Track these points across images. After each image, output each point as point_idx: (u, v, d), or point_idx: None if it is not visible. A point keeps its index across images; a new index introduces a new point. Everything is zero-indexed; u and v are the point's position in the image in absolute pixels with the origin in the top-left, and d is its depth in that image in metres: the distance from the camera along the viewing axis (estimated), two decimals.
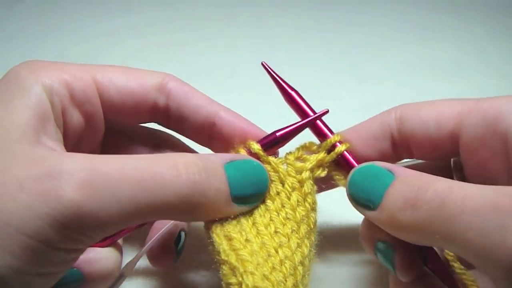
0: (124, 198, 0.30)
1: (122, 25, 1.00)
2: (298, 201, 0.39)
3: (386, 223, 0.35)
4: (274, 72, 0.44)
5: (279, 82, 0.44)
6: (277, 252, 0.35)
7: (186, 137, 0.44)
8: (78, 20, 1.02)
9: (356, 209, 0.38)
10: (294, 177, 0.40)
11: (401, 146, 0.42)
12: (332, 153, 0.41)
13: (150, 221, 0.43)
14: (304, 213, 0.39)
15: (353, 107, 0.73)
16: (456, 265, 0.37)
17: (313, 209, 0.40)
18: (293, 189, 0.39)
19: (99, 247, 0.39)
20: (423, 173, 0.35)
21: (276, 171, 0.40)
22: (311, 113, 0.43)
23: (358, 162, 0.41)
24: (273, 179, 0.40)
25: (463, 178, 0.41)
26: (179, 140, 0.47)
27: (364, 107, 0.73)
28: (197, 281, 0.46)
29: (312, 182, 0.40)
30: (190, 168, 0.33)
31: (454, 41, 0.94)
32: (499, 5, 1.08)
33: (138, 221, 0.33)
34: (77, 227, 0.30)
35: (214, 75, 0.83)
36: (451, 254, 0.38)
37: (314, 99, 0.74)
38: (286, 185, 0.40)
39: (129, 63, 0.43)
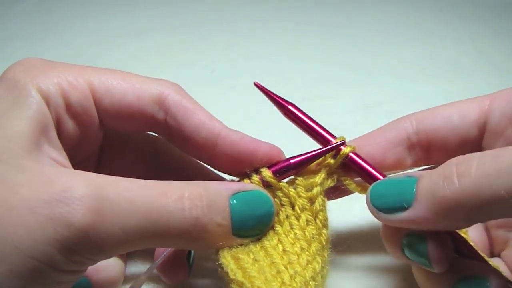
0: (130, 229, 0.31)
1: (122, 25, 1.00)
2: (307, 220, 0.39)
3: (430, 212, 0.33)
4: (268, 90, 0.43)
5: (275, 99, 0.43)
6: (286, 268, 0.35)
7: (187, 153, 0.42)
8: (77, 20, 1.03)
9: (384, 219, 0.36)
10: (304, 197, 0.39)
11: (419, 147, 0.42)
12: (338, 158, 0.41)
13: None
14: (314, 231, 0.38)
15: (353, 107, 0.73)
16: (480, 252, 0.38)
17: (325, 226, 0.40)
18: (303, 209, 0.39)
19: None
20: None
21: (287, 196, 0.40)
22: (313, 125, 0.43)
23: (368, 164, 0.41)
24: (284, 203, 0.40)
25: None
26: (178, 153, 0.46)
27: (364, 107, 0.73)
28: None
29: (323, 198, 0.40)
30: (194, 202, 0.34)
31: (453, 41, 0.94)
32: (499, 5, 1.08)
33: (140, 247, 0.34)
34: (83, 253, 0.31)
35: (214, 75, 0.83)
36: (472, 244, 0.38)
37: (314, 98, 0.75)
38: (296, 208, 0.39)
39: (129, 63, 0.43)
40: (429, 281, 0.37)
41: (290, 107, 0.43)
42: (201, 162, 0.43)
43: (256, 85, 0.43)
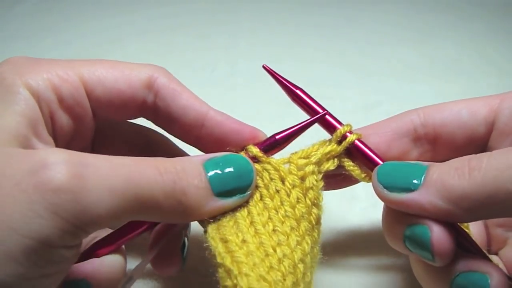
0: (116, 191, 0.31)
1: (122, 25, 1.00)
2: (298, 198, 0.39)
3: (436, 196, 0.33)
4: (277, 74, 0.43)
5: (283, 83, 0.43)
6: (275, 250, 0.35)
7: (174, 136, 0.43)
8: (78, 20, 1.03)
9: (388, 197, 0.36)
10: (295, 174, 0.40)
11: (425, 140, 0.42)
12: (343, 143, 0.41)
13: (139, 219, 0.43)
14: (304, 210, 0.38)
15: (353, 106, 0.73)
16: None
17: (315, 205, 0.39)
18: (294, 186, 0.39)
19: (102, 254, 0.39)
20: None
21: (276, 169, 0.40)
22: (320, 110, 0.43)
23: (374, 152, 0.41)
24: (273, 177, 0.40)
25: None
26: (168, 139, 0.47)
27: (364, 106, 0.73)
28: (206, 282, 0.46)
29: (316, 177, 0.40)
30: (168, 169, 0.35)
31: (454, 40, 0.94)
32: (499, 4, 1.08)
33: (128, 217, 0.34)
34: (75, 220, 0.30)
35: (214, 75, 0.83)
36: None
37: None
38: (286, 183, 0.39)
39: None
40: (428, 274, 0.37)
41: (298, 91, 0.43)
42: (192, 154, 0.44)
43: (264, 67, 0.43)
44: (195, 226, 0.43)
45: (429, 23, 1.02)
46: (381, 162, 0.41)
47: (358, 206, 0.54)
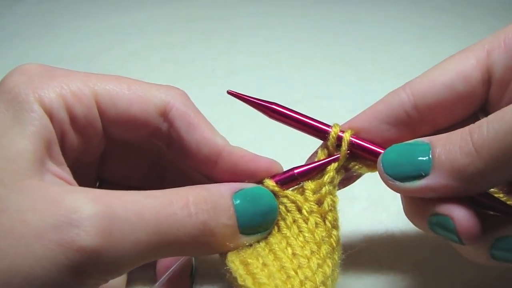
0: (141, 243, 0.31)
1: (122, 24, 1.00)
2: (316, 223, 0.38)
3: (450, 179, 0.33)
4: (246, 95, 0.41)
5: (256, 102, 0.41)
6: (296, 273, 0.34)
7: (185, 166, 0.42)
8: (77, 19, 1.02)
9: (400, 188, 0.36)
10: (311, 200, 0.39)
11: (421, 121, 0.40)
12: (342, 149, 0.40)
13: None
14: (324, 233, 0.38)
15: (353, 106, 0.72)
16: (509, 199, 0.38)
17: (334, 227, 0.39)
18: (311, 212, 0.38)
19: None
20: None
21: (293, 202, 0.39)
22: (303, 118, 0.41)
23: (370, 142, 0.40)
24: (290, 209, 0.39)
25: None
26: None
27: (364, 106, 0.72)
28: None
29: (333, 197, 0.39)
30: (199, 206, 0.34)
31: (454, 40, 0.94)
32: (499, 4, 1.08)
33: (151, 260, 0.34)
34: (96, 274, 0.30)
35: (214, 75, 0.83)
36: (501, 194, 0.39)
37: (313, 98, 0.75)
38: (303, 211, 0.39)
39: (129, 62, 0.43)
40: (466, 247, 0.36)
41: (274, 106, 0.41)
42: None
43: (230, 93, 0.41)
44: None
45: (430, 21, 1.02)
46: (381, 151, 0.39)
47: (358, 206, 0.54)
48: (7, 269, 0.28)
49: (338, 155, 0.40)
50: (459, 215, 0.34)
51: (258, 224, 0.37)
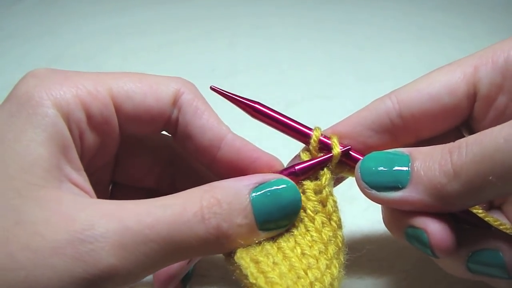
0: (154, 254, 0.31)
1: (121, 24, 1.00)
2: (322, 222, 0.38)
3: (426, 195, 0.33)
4: (229, 92, 0.41)
5: (239, 100, 0.41)
6: (306, 274, 0.34)
7: (189, 154, 0.41)
8: (77, 19, 1.02)
9: (374, 197, 0.36)
10: (314, 200, 0.39)
11: (405, 130, 0.41)
12: (335, 152, 0.40)
13: None
14: (331, 233, 0.38)
15: (353, 106, 0.72)
16: (491, 219, 0.38)
17: (340, 227, 0.39)
18: (316, 212, 0.38)
19: None
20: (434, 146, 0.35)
21: None
22: (284, 119, 0.41)
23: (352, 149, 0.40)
24: None
25: None
26: (190, 159, 0.45)
27: (364, 106, 0.73)
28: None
29: (334, 199, 0.39)
30: (212, 210, 0.33)
31: (454, 40, 0.94)
32: (499, 4, 1.08)
33: (164, 267, 0.34)
34: (110, 285, 0.30)
35: (214, 74, 0.83)
36: (480, 210, 0.38)
37: (313, 98, 0.75)
38: (308, 211, 0.39)
39: (128, 62, 0.43)
40: (443, 259, 0.37)
41: (257, 105, 0.41)
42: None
43: (213, 89, 0.41)
44: None
45: (430, 21, 1.02)
46: (360, 157, 0.39)
47: (358, 207, 0.54)
48: (24, 280, 0.28)
49: (332, 154, 0.40)
50: (433, 228, 0.34)
51: (280, 218, 0.36)
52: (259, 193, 0.35)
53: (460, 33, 0.97)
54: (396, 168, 0.35)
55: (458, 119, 0.41)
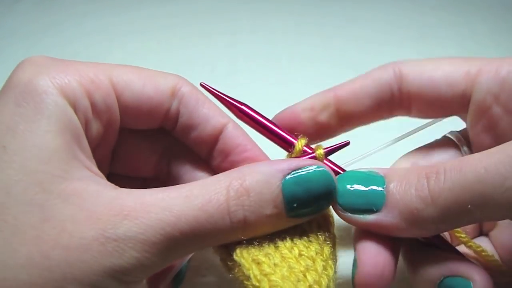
0: (178, 248, 0.32)
1: (122, 22, 1.00)
2: (318, 222, 0.38)
3: (401, 220, 0.33)
4: (218, 91, 0.42)
5: (226, 100, 0.41)
6: (305, 276, 0.34)
7: (188, 145, 0.42)
8: (77, 17, 1.02)
9: (348, 219, 0.36)
10: None
11: (399, 105, 0.41)
12: (319, 154, 0.39)
13: None
14: (326, 234, 0.38)
15: None
16: (473, 245, 0.38)
17: (333, 226, 0.39)
18: None
19: None
20: (411, 166, 0.36)
21: None
22: (268, 123, 0.41)
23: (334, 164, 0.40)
24: None
25: (469, 148, 0.41)
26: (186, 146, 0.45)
27: None
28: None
29: None
30: (240, 201, 0.32)
31: (454, 38, 0.94)
32: (500, 2, 1.08)
33: (184, 256, 0.36)
34: (137, 277, 0.31)
35: (214, 74, 0.83)
36: (463, 234, 0.38)
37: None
38: None
39: (128, 60, 0.43)
40: (416, 278, 0.37)
41: (243, 107, 0.41)
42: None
43: (202, 85, 0.41)
44: None
45: (430, 20, 1.02)
46: (336, 169, 0.39)
47: None
48: (63, 278, 0.29)
49: (340, 144, 0.40)
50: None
51: (312, 206, 0.35)
52: (291, 179, 0.33)
53: (460, 33, 0.97)
54: (371, 187, 0.34)
55: (448, 112, 0.41)
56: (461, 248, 0.40)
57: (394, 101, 0.41)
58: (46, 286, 0.28)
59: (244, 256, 0.35)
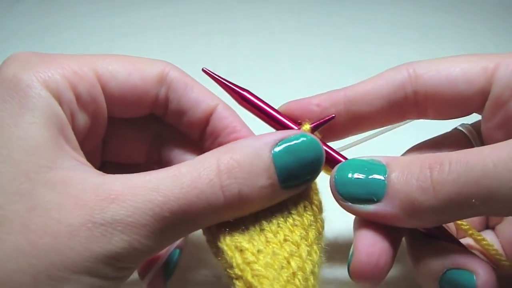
0: (170, 229, 0.32)
1: (121, 23, 1.00)
2: (304, 206, 0.38)
3: (401, 210, 0.32)
4: (220, 76, 0.42)
5: (228, 85, 0.41)
6: (289, 262, 0.34)
7: (180, 130, 0.42)
8: (77, 17, 1.02)
9: (349, 209, 0.35)
10: None
11: (414, 106, 0.40)
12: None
13: None
14: (312, 218, 0.37)
15: None
16: (479, 237, 0.38)
17: (320, 211, 0.38)
18: (298, 195, 0.38)
19: None
20: (415, 156, 0.35)
21: None
22: (270, 110, 0.41)
23: (329, 147, 0.39)
24: None
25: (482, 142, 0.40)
26: (177, 130, 0.45)
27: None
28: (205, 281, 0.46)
29: (315, 181, 0.39)
30: (232, 174, 0.32)
31: (455, 38, 0.94)
32: (500, 2, 1.07)
33: (178, 239, 0.35)
34: (132, 262, 0.31)
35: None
36: (465, 224, 0.38)
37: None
38: None
39: None
40: (418, 268, 0.37)
41: (245, 93, 0.41)
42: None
43: (204, 71, 0.41)
44: None
45: (430, 21, 1.02)
46: (338, 157, 0.39)
47: None
48: (52, 265, 0.29)
49: (325, 119, 0.40)
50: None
51: (304, 174, 0.35)
52: (280, 149, 0.34)
53: (461, 33, 0.97)
54: (372, 176, 0.34)
55: (466, 111, 0.40)
56: (465, 241, 0.40)
57: (407, 103, 0.40)
58: (35, 274, 0.28)
59: (228, 243, 0.34)
